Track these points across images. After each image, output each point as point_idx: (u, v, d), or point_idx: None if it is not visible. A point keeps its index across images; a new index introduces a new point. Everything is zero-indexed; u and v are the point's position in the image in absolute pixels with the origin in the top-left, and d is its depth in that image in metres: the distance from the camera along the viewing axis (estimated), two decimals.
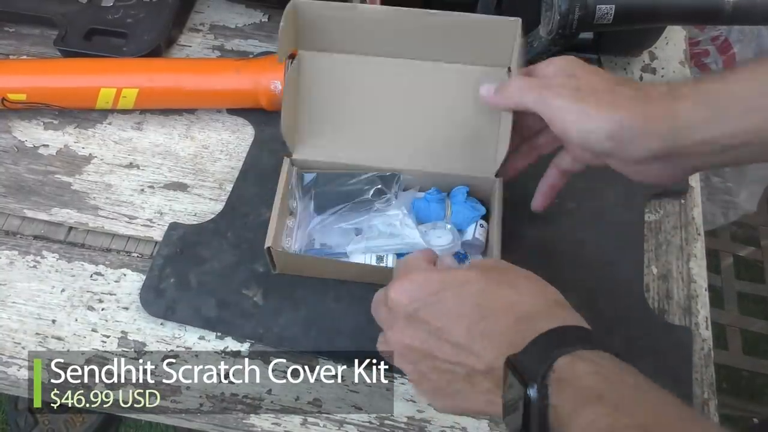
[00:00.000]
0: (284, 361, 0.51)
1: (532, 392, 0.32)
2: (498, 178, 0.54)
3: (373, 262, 0.52)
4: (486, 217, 0.55)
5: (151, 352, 0.52)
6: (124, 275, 0.55)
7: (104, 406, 0.50)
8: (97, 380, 0.50)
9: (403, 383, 0.51)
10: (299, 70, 0.55)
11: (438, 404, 0.40)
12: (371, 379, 0.51)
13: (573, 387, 0.32)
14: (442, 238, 0.52)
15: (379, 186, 0.54)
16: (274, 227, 0.50)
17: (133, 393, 0.50)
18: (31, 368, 0.51)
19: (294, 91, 0.54)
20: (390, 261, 0.52)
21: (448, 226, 0.53)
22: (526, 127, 0.51)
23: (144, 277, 0.54)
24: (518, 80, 0.47)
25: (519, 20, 0.52)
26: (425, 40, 0.54)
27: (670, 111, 0.40)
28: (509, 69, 0.54)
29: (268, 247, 0.50)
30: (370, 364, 0.51)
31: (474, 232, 0.54)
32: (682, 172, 0.43)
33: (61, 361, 0.51)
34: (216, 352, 0.52)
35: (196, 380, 0.50)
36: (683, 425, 0.30)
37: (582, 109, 0.42)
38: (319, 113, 0.56)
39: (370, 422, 0.49)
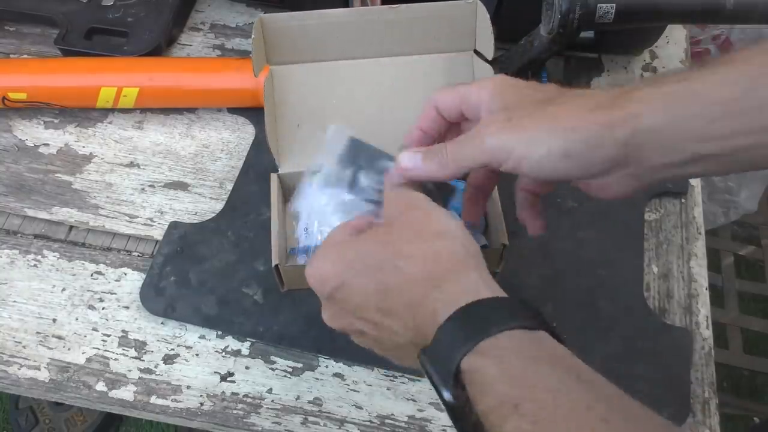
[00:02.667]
0: (285, 360, 0.51)
1: (448, 396, 0.30)
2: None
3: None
4: None
5: (152, 351, 0.52)
6: (125, 274, 0.55)
7: (105, 405, 0.50)
8: (97, 379, 0.50)
9: (403, 382, 0.51)
10: (272, 84, 0.55)
11: (393, 360, 0.39)
12: (372, 378, 0.51)
13: (490, 392, 0.29)
14: None
15: None
16: (277, 244, 0.50)
17: (133, 392, 0.50)
18: (32, 367, 0.51)
19: (272, 106, 0.55)
20: None
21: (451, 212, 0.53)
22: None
23: (144, 276, 0.54)
24: (444, 147, 0.40)
25: (476, 2, 0.53)
26: (391, 36, 0.55)
27: (624, 114, 0.36)
28: (475, 51, 0.55)
29: (276, 265, 0.49)
30: (370, 363, 0.51)
31: None
32: (646, 185, 0.39)
33: (62, 360, 0.51)
34: (216, 351, 0.52)
35: (196, 379, 0.50)
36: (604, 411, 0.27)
37: (523, 137, 0.37)
38: (300, 124, 0.56)
39: (370, 421, 0.49)
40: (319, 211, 0.50)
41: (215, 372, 0.51)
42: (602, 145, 0.36)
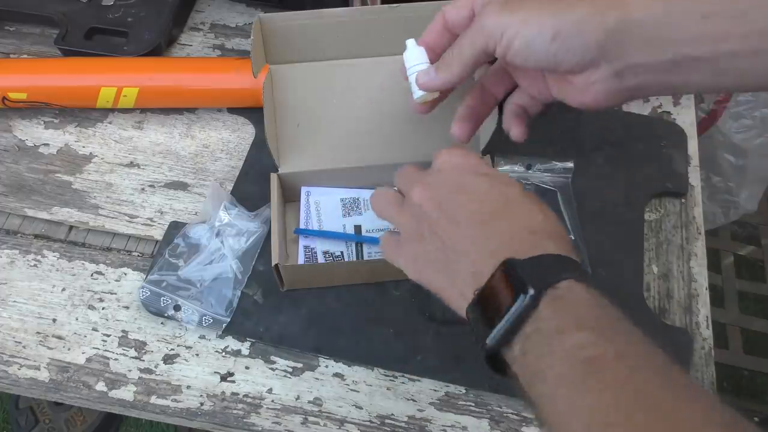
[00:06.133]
0: (285, 360, 0.51)
1: (528, 296, 0.32)
2: (486, 156, 0.55)
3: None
4: None
5: (152, 351, 0.52)
6: (125, 274, 0.55)
7: (105, 405, 0.50)
8: (97, 379, 0.50)
9: (403, 383, 0.51)
10: (272, 84, 0.55)
11: (417, 270, 0.40)
12: (372, 378, 0.51)
13: (569, 308, 0.32)
14: None
15: None
16: (277, 244, 0.50)
17: (133, 392, 0.50)
18: (32, 367, 0.51)
19: (271, 106, 0.55)
20: None
21: None
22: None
23: (145, 276, 0.54)
24: (449, 50, 0.44)
25: None
26: (391, 36, 0.55)
27: (619, 3, 0.37)
28: None
29: (276, 265, 0.49)
30: (370, 363, 0.51)
31: None
32: (626, 91, 0.40)
33: (62, 360, 0.51)
34: (216, 351, 0.52)
35: (196, 379, 0.50)
36: (670, 379, 0.30)
37: (517, 17, 0.39)
38: (300, 124, 0.56)
39: (370, 421, 0.49)
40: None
41: (215, 372, 0.51)
42: (589, 29, 0.37)
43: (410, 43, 0.47)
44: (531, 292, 0.32)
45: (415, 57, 0.46)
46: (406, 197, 0.41)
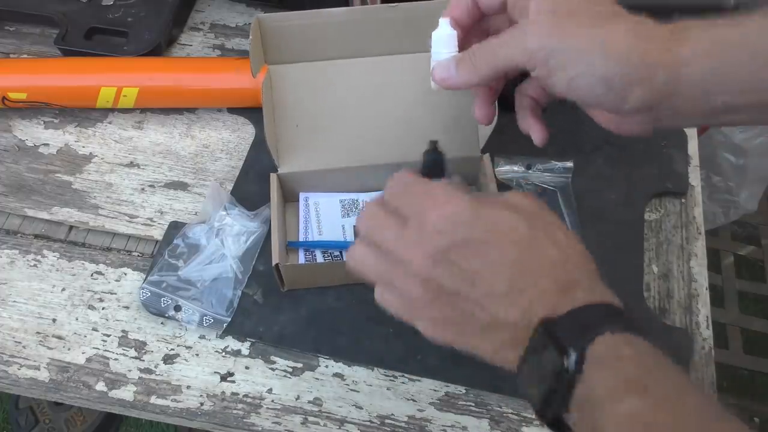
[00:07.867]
0: (285, 360, 0.51)
1: (571, 361, 0.30)
2: (485, 155, 0.56)
3: None
4: None
5: (152, 351, 0.52)
6: (125, 274, 0.55)
7: (105, 405, 0.50)
8: (97, 379, 0.50)
9: (403, 382, 0.51)
10: (271, 84, 0.55)
11: (439, 335, 0.36)
12: (372, 378, 0.51)
13: (614, 369, 0.30)
14: None
15: None
16: (278, 243, 0.50)
17: (133, 392, 0.50)
18: (32, 367, 0.51)
19: (270, 106, 0.55)
20: None
21: None
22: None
23: (145, 277, 0.54)
24: (478, 47, 0.39)
25: None
26: (390, 35, 0.55)
27: (672, 57, 0.34)
28: None
29: (276, 264, 0.49)
30: (370, 363, 0.51)
31: None
32: (661, 126, 0.39)
33: (62, 360, 0.51)
34: (216, 351, 0.52)
35: (196, 379, 0.50)
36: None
37: (570, 45, 0.35)
38: (299, 124, 0.56)
39: (370, 421, 0.49)
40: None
41: (215, 372, 0.51)
42: (641, 85, 0.35)
43: (443, 21, 0.42)
44: (573, 356, 0.30)
45: (443, 42, 0.42)
46: (404, 262, 0.36)
